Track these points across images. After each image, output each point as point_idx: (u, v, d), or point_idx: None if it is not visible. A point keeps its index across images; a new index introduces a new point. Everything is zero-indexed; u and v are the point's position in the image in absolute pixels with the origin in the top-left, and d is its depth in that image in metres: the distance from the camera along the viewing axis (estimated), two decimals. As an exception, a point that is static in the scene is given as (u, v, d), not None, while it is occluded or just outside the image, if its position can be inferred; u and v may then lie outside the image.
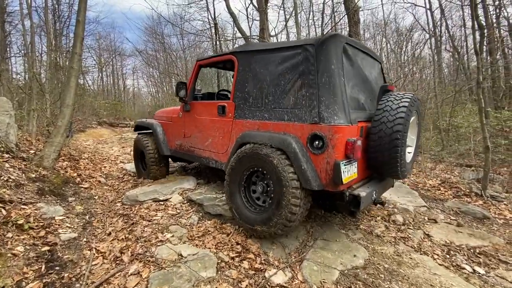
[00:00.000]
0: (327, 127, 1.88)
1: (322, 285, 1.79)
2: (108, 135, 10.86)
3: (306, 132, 1.99)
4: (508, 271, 2.17)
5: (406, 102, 2.01)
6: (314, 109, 1.96)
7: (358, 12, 7.69)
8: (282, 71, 2.19)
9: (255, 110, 2.37)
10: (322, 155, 1.90)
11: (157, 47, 17.39)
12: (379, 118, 2.04)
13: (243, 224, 2.27)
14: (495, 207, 3.59)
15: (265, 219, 2.10)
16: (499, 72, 10.45)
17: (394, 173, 2.12)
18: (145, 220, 2.59)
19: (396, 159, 2.01)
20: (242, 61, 2.52)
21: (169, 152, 3.47)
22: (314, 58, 2.00)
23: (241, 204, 2.29)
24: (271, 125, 2.23)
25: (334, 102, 1.91)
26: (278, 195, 2.01)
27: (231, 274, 1.88)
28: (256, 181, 2.31)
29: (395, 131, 1.95)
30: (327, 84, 1.93)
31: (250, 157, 2.18)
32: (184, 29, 13.29)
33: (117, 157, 6.06)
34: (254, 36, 11.04)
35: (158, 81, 20.16)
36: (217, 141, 2.75)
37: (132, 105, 23.18)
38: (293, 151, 1.97)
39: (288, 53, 2.17)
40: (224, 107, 2.64)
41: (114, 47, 21.37)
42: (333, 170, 1.85)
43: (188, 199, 2.95)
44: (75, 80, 3.87)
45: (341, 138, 1.85)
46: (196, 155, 3.06)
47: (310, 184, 1.90)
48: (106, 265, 1.93)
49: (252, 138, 2.28)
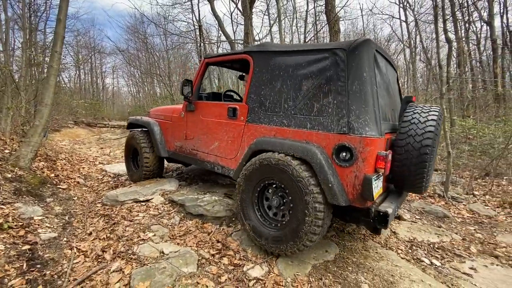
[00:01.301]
0: (358, 139, 1.74)
1: (295, 277, 1.94)
2: (86, 135, 10.51)
3: (332, 142, 1.85)
4: (461, 263, 2.44)
5: (435, 116, 1.92)
6: (342, 118, 1.82)
7: (339, 22, 8.10)
8: (306, 75, 2.03)
9: (272, 115, 2.20)
10: (349, 168, 1.77)
11: (139, 47, 17.08)
12: (406, 131, 1.93)
13: (265, 245, 2.09)
14: (455, 207, 3.95)
15: (290, 233, 1.94)
16: (467, 84, 11.32)
17: (418, 187, 2.01)
18: (126, 220, 2.62)
19: (423, 174, 1.90)
20: (259, 61, 2.34)
21: (166, 154, 3.27)
22: (344, 64, 1.86)
23: (255, 220, 2.16)
24: (290, 132, 2.07)
25: (366, 112, 1.78)
26: (299, 210, 1.88)
27: (211, 270, 1.98)
28: (269, 196, 2.17)
29: (424, 145, 1.84)
30: (358, 92, 1.80)
31: (265, 169, 2.02)
32: (168, 29, 13.20)
33: (96, 158, 5.93)
34: (239, 40, 11.20)
35: (139, 81, 19.74)
36: (225, 146, 2.57)
37: (111, 104, 22.49)
38: (318, 162, 1.82)
39: (314, 57, 2.02)
40: (235, 109, 2.46)
41: (94, 44, 20.70)
42: (362, 185, 1.72)
43: (170, 200, 3.01)
44: (54, 79, 3.81)
45: (372, 151, 1.73)
46: (199, 159, 2.88)
47: (337, 199, 1.76)
48: (88, 263, 1.97)
49: (269, 145, 2.11)
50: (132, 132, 3.62)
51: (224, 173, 2.62)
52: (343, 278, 1.98)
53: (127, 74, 22.19)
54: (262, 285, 1.86)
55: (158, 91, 17.90)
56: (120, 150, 7.04)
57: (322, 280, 1.93)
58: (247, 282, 1.88)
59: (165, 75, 12.67)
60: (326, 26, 7.89)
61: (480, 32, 13.01)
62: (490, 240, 2.98)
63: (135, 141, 3.51)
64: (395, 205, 1.96)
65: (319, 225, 1.84)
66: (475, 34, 13.10)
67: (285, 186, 1.96)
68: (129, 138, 3.66)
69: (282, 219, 2.10)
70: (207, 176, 3.89)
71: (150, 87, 18.15)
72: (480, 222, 3.48)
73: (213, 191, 3.06)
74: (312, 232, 1.85)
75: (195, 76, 2.98)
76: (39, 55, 9.12)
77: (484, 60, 13.45)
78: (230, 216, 2.73)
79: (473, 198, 4.39)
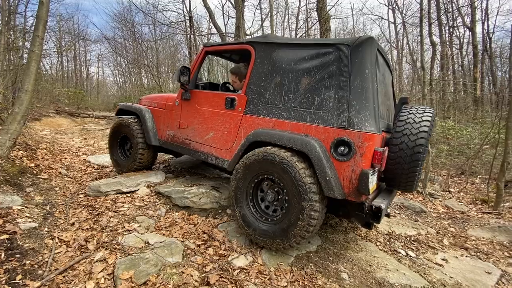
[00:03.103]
0: (357, 134, 1.77)
1: (279, 267, 2.00)
2: (68, 125, 10.14)
3: (331, 136, 1.87)
4: (434, 255, 2.59)
5: (429, 117, 1.98)
6: (343, 113, 1.85)
7: (329, 20, 8.17)
8: (308, 68, 2.04)
9: (271, 107, 2.20)
10: (347, 162, 1.81)
11: (126, 35, 16.56)
12: (401, 130, 1.98)
13: (252, 235, 2.12)
14: (431, 203, 4.16)
15: (279, 231, 1.97)
16: (449, 86, 11.76)
17: (409, 185, 2.08)
18: (111, 211, 2.60)
19: (415, 172, 1.96)
20: (261, 52, 2.32)
21: (157, 143, 3.15)
22: (348, 59, 1.88)
23: (246, 209, 2.17)
24: (289, 125, 2.07)
25: (366, 107, 1.81)
26: (293, 213, 1.89)
27: (197, 260, 2.01)
28: (264, 189, 2.18)
29: (418, 144, 1.91)
30: (360, 88, 1.83)
31: (267, 164, 2.00)
32: (157, 19, 12.87)
33: (79, 148, 5.77)
34: (230, 33, 11.09)
35: (126, 70, 19.18)
36: (221, 136, 2.53)
37: (96, 94, 21.74)
38: (317, 155, 1.84)
39: (318, 51, 2.03)
40: (233, 99, 2.43)
41: (78, 31, 19.86)
42: (359, 179, 1.76)
43: (156, 192, 3.00)
44: (35, 64, 3.66)
45: (371, 146, 1.76)
46: (192, 148, 2.81)
47: (334, 192, 1.79)
48: (70, 253, 1.95)
49: (267, 136, 2.10)
50: (123, 119, 3.42)
51: (217, 164, 2.57)
52: (324, 268, 2.06)
53: (113, 63, 21.49)
54: (246, 274, 1.91)
55: (145, 82, 17.48)
56: (105, 142, 6.86)
57: (304, 270, 2.00)
58: (231, 271, 1.92)
59: (153, 65, 12.38)
60: (317, 23, 7.94)
61: (463, 37, 13.53)
62: (461, 233, 3.17)
63: (127, 129, 3.32)
64: (387, 202, 2.00)
65: (309, 231, 1.88)
66: (458, 39, 13.61)
67: (284, 186, 1.96)
68: (118, 124, 3.44)
69: (273, 214, 2.12)
70: (195, 169, 3.89)
71: (138, 77, 17.69)
72: (454, 217, 3.69)
73: (200, 184, 3.07)
74: (302, 236, 1.89)
75: (193, 64, 2.90)
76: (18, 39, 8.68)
77: (465, 64, 14.01)
78: (216, 208, 2.75)
79: (449, 195, 4.63)
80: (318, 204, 1.85)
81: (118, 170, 3.54)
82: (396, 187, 2.22)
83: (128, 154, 3.56)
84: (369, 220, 1.92)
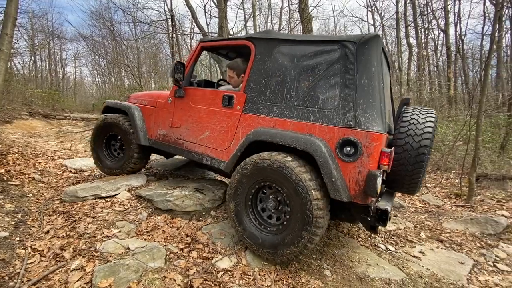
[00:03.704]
0: (364, 133, 1.72)
1: (263, 267, 2.01)
2: (43, 128, 9.65)
3: (337, 136, 1.81)
4: (412, 248, 2.70)
5: (432, 117, 1.97)
6: (349, 112, 1.79)
7: (312, 21, 8.30)
8: (312, 66, 1.97)
9: (272, 105, 2.11)
10: (353, 163, 1.74)
11: (105, 34, 16.00)
12: (405, 131, 1.95)
13: (254, 247, 2.02)
14: (409, 198, 4.32)
15: (283, 241, 1.89)
16: (425, 86, 12.29)
17: (412, 188, 2.04)
18: (89, 217, 2.50)
19: (420, 174, 1.93)
20: (262, 48, 2.23)
21: (147, 142, 2.98)
22: (354, 57, 1.82)
23: (250, 225, 2.07)
24: (292, 124, 1.99)
25: (373, 106, 1.76)
26: (297, 209, 1.81)
27: (180, 264, 1.98)
28: (264, 197, 2.10)
29: (422, 145, 1.87)
30: (366, 86, 1.78)
31: (272, 173, 1.90)
32: (137, 17, 12.54)
33: (55, 152, 5.50)
34: (213, 33, 11.00)
35: (105, 70, 18.54)
36: (217, 136, 2.42)
37: (73, 95, 20.84)
38: (322, 156, 1.77)
39: (322, 48, 1.96)
40: (231, 97, 2.32)
41: (52, 28, 18.94)
42: (366, 181, 1.70)
43: (137, 196, 2.92)
44: (4, 64, 3.46)
45: (378, 146, 1.70)
46: (185, 149, 2.67)
47: (340, 194, 1.72)
48: (44, 263, 1.85)
49: (268, 135, 2.00)
50: (111, 116, 3.20)
51: (213, 165, 2.45)
52: (307, 265, 2.09)
53: (91, 63, 20.69)
54: (230, 275, 1.90)
55: (126, 82, 16.98)
56: (83, 144, 6.59)
57: (288, 268, 2.02)
58: (215, 273, 1.91)
59: (133, 65, 12.05)
60: (300, 24, 8.05)
61: (437, 39, 14.21)
62: (437, 226, 3.33)
63: (117, 127, 3.12)
64: (390, 204, 1.95)
65: (307, 249, 1.84)
66: (433, 41, 14.28)
67: (279, 186, 1.91)
68: (105, 122, 3.23)
69: (272, 221, 2.05)
70: (178, 171, 3.82)
71: (118, 77, 17.15)
72: (430, 211, 3.86)
73: (183, 186, 3.02)
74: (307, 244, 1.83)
75: (188, 60, 2.75)
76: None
77: (440, 65, 14.71)
78: (200, 210, 2.72)
79: (426, 190, 4.84)
80: (322, 219, 1.77)
81: (106, 170, 3.33)
82: (399, 189, 2.17)
83: (116, 155, 3.38)
84: (375, 223, 1.85)
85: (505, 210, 3.79)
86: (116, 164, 3.25)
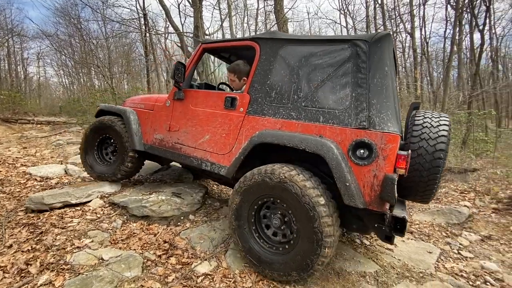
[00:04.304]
0: (379, 134, 1.62)
1: (243, 268, 2.01)
2: (3, 133, 8.90)
3: (349, 137, 1.71)
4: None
5: (446, 121, 1.90)
6: (362, 112, 1.70)
7: (287, 23, 8.43)
8: (321, 65, 1.91)
9: (278, 106, 2.02)
10: (368, 166, 1.64)
11: (71, 32, 15.08)
12: (418, 134, 1.87)
13: (261, 269, 1.91)
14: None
15: (292, 261, 1.77)
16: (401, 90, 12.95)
17: (427, 196, 1.96)
18: (57, 228, 2.35)
19: (435, 180, 1.84)
20: (267, 49, 2.16)
21: (142, 147, 2.84)
22: (366, 55, 1.76)
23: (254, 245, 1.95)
24: (300, 126, 1.90)
25: (387, 106, 1.69)
26: (305, 224, 1.69)
27: (158, 271, 1.92)
28: (267, 214, 2.00)
29: (438, 149, 1.79)
30: (380, 85, 1.71)
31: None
32: (107, 15, 11.98)
33: (17, 159, 5.09)
34: (189, 33, 10.80)
35: (73, 71, 17.48)
36: (218, 139, 2.31)
37: (37, 97, 19.43)
38: (335, 158, 1.66)
39: (331, 47, 1.90)
40: (234, 99, 2.23)
41: (11, 25, 17.52)
42: (383, 186, 1.58)
43: (111, 203, 2.79)
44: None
45: (394, 148, 1.60)
46: (183, 153, 2.53)
47: (354, 200, 1.61)
48: (8, 279, 1.71)
49: (276, 137, 1.90)
50: (104, 119, 3.07)
51: (213, 170, 2.32)
52: (287, 265, 2.12)
53: (57, 62, 19.39)
54: (211, 280, 1.88)
55: (97, 83, 16.14)
56: (49, 150, 6.16)
57: (268, 269, 2.03)
58: (195, 279, 1.88)
59: (104, 65, 11.48)
60: (276, 26, 8.15)
61: (405, 42, 15.07)
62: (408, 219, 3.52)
63: (112, 130, 2.99)
64: (406, 212, 1.87)
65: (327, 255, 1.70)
66: (401, 43, 15.13)
67: (282, 201, 1.82)
68: (100, 124, 3.10)
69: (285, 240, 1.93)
70: (154, 175, 3.71)
71: (87, 78, 16.24)
72: (401, 205, 4.08)
73: (160, 191, 2.93)
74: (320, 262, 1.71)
75: (189, 62, 2.66)
76: None
77: (408, 66, 15.62)
78: (178, 215, 2.66)
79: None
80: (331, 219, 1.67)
81: (95, 176, 3.16)
82: (411, 197, 2.08)
83: (108, 159, 3.22)
84: (391, 233, 1.75)
85: (467, 201, 4.11)
86: (108, 169, 3.09)
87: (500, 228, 3.29)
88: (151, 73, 13.36)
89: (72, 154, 5.19)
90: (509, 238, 3.05)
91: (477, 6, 9.52)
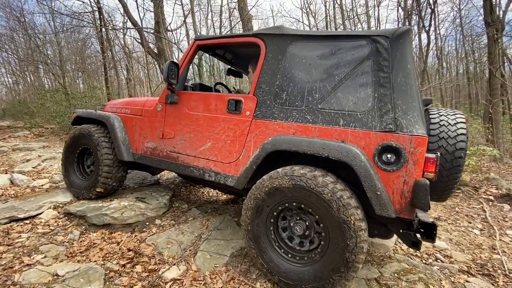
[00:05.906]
0: (408, 138, 1.51)
1: (214, 269, 1.98)
2: None
3: (374, 142, 1.59)
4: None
5: (462, 118, 1.83)
6: (387, 114, 1.58)
7: (251, 20, 8.44)
8: (338, 64, 1.76)
9: (291, 109, 1.85)
10: (396, 172, 1.53)
11: (13, 26, 13.49)
12: (437, 133, 1.79)
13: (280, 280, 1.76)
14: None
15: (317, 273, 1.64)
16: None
17: (444, 195, 1.89)
18: (2, 246, 2.10)
19: (456, 180, 1.78)
20: (274, 46, 1.98)
21: (131, 158, 2.56)
22: (388, 53, 1.62)
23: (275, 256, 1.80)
24: (317, 130, 1.75)
25: (413, 107, 1.58)
26: (334, 233, 1.57)
27: (122, 281, 1.81)
28: (287, 222, 1.83)
29: (458, 148, 1.72)
30: (404, 85, 1.60)
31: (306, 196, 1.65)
32: (55, 8, 10.92)
33: (-50, 171, 4.44)
34: (149, 28, 10.28)
35: (17, 69, 15.69)
36: (222, 147, 2.11)
37: (-27, 99, 17.13)
38: (362, 166, 1.53)
39: (348, 44, 1.76)
40: (239, 102, 2.04)
41: None
42: (414, 192, 1.49)
43: (66, 213, 2.57)
44: None
45: (423, 152, 1.50)
46: (181, 163, 2.31)
47: (387, 210, 1.49)
48: None
49: (293, 144, 1.73)
50: (83, 128, 2.76)
51: (218, 181, 2.12)
52: (258, 261, 2.14)
53: (-4, 59, 17.23)
54: (180, 284, 1.83)
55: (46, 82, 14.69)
56: (-10, 158, 5.47)
57: (239, 267, 2.04)
58: (163, 285, 1.81)
59: (54, 63, 10.47)
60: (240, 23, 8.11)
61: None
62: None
63: (88, 140, 2.67)
64: (427, 216, 1.79)
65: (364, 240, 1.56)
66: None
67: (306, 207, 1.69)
68: (75, 136, 2.80)
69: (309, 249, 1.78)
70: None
71: (35, 77, 14.69)
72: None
73: (122, 197, 2.77)
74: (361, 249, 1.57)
75: (181, 60, 2.41)
76: None
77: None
78: (143, 221, 2.54)
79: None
80: (364, 232, 1.55)
81: (76, 194, 2.80)
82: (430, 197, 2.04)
83: (89, 173, 2.86)
84: (420, 239, 1.67)
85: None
86: (84, 184, 2.75)
87: (448, 210, 3.67)
88: (109, 70, 12.48)
89: (19, 162, 4.66)
90: (455, 218, 3.42)
91: (423, 9, 10.43)
